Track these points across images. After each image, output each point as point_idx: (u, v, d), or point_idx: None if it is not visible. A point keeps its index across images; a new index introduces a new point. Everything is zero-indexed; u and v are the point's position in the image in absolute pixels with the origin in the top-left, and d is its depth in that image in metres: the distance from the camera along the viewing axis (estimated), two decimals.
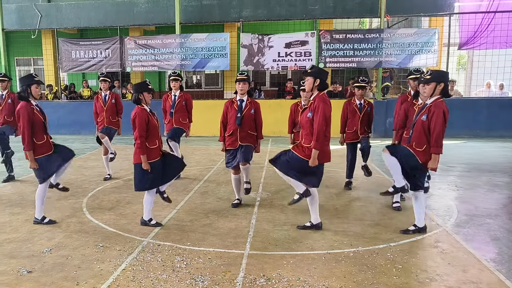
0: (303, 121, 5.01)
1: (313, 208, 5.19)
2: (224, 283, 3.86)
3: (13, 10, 15.99)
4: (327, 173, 8.25)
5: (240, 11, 14.66)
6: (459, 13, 14.21)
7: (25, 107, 5.20)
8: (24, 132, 5.16)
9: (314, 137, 4.78)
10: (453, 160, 9.75)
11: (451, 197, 6.80)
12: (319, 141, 4.76)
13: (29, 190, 7.17)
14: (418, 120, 4.83)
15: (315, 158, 4.81)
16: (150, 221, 5.35)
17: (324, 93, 4.95)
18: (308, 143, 4.90)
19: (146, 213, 5.36)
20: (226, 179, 7.85)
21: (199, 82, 19.52)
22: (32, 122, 5.21)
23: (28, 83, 5.29)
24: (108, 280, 3.92)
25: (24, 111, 5.17)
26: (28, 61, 19.61)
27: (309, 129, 4.90)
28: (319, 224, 5.21)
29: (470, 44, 14.17)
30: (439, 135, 4.65)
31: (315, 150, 4.79)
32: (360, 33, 14.03)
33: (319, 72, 4.96)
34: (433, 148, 4.69)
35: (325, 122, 4.78)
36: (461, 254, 4.51)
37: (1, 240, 4.93)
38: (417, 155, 4.79)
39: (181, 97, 7.64)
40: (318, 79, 4.87)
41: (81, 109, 15.26)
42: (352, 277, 3.98)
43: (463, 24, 14.01)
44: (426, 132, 4.74)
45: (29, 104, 5.26)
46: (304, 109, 5.08)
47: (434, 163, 4.73)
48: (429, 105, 4.78)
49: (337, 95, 14.61)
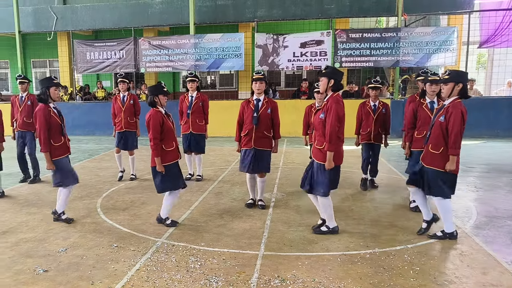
0: (316, 122, 4.95)
1: (328, 213, 5.06)
2: (238, 284, 3.83)
3: (30, 13, 16.23)
4: (342, 173, 8.21)
5: (255, 11, 14.63)
6: (479, 11, 13.97)
7: (42, 110, 5.26)
8: (40, 134, 5.22)
9: (327, 139, 4.70)
10: (472, 160, 9.58)
11: (470, 198, 6.67)
12: (332, 142, 4.69)
13: (45, 190, 7.25)
14: (436, 121, 4.72)
15: (331, 160, 4.73)
16: (167, 220, 5.34)
17: (339, 94, 4.87)
18: (320, 145, 4.83)
19: (164, 211, 5.35)
20: (240, 180, 7.81)
21: (213, 83, 19.55)
22: (49, 124, 5.25)
23: (47, 85, 5.35)
24: (122, 280, 3.92)
25: (41, 114, 5.23)
26: (44, 63, 19.87)
27: (322, 130, 4.83)
28: (335, 228, 5.10)
29: (490, 42, 13.93)
30: (457, 136, 4.55)
31: (329, 152, 4.71)
32: (376, 32, 13.89)
33: (334, 72, 4.88)
34: (450, 149, 4.59)
35: (337, 123, 4.70)
36: (481, 256, 4.41)
37: (18, 239, 4.98)
38: (434, 160, 4.69)
39: (198, 98, 7.61)
40: (332, 79, 4.79)
41: (95, 110, 15.39)
42: (368, 279, 3.92)
43: (484, 22, 13.77)
44: (444, 133, 4.64)
45: (46, 106, 5.31)
46: (317, 111, 5.01)
47: (452, 165, 4.61)
48: (447, 105, 4.68)
49: (353, 95, 14.50)
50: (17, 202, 6.59)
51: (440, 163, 4.67)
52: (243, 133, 6.03)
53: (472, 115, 12.12)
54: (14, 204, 6.48)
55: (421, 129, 5.69)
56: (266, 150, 6.00)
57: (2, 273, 4.10)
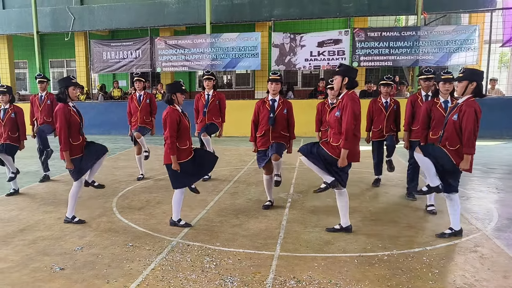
0: (331, 120, 4.89)
1: (343, 211, 5.05)
2: (253, 284, 3.79)
3: (48, 13, 16.44)
4: (360, 173, 8.13)
5: (272, 10, 14.57)
6: (502, 9, 13.69)
7: (62, 109, 5.29)
8: (61, 133, 5.26)
9: (343, 136, 4.65)
10: (493, 161, 9.38)
11: (491, 200, 6.52)
12: (349, 139, 4.64)
13: (62, 189, 7.31)
14: (450, 120, 4.67)
15: (344, 158, 4.69)
16: (179, 222, 5.33)
17: (354, 92, 4.82)
18: (336, 142, 4.78)
19: (175, 214, 5.34)
20: (256, 180, 7.77)
21: (229, 82, 19.56)
22: (69, 124, 5.29)
23: (66, 85, 5.38)
24: (137, 279, 3.91)
25: (61, 113, 5.26)
26: (61, 63, 20.14)
27: (337, 128, 4.78)
28: (349, 227, 5.06)
29: None
30: (470, 134, 4.49)
31: (344, 149, 4.66)
32: (395, 30, 13.72)
33: (347, 70, 4.84)
34: (465, 148, 4.53)
35: (354, 120, 4.65)
36: (502, 259, 4.30)
37: (36, 237, 5.02)
38: (450, 155, 4.64)
39: (215, 96, 7.57)
40: (347, 77, 4.74)
41: (111, 109, 15.50)
42: (386, 281, 3.84)
43: (507, 20, 13.45)
44: (458, 132, 4.60)
45: (66, 105, 5.35)
46: (332, 108, 4.96)
47: (466, 164, 4.57)
48: (460, 104, 4.63)
49: (371, 94, 14.32)
50: (34, 201, 6.66)
51: (456, 158, 4.62)
52: (259, 133, 5.97)
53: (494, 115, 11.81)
54: (31, 203, 6.54)
55: (436, 130, 5.54)
56: (282, 143, 5.95)
57: (19, 270, 4.14)
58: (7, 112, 6.78)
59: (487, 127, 11.45)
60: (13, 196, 6.90)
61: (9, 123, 6.74)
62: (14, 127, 6.80)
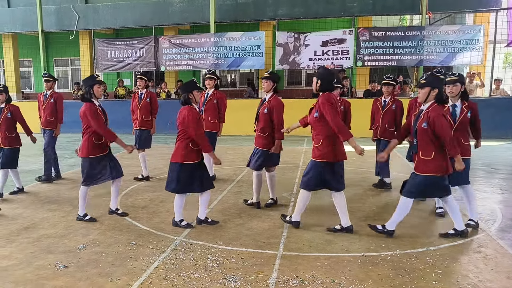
0: (311, 121, 5.00)
1: (342, 210, 5.06)
2: (256, 284, 3.80)
3: (52, 12, 16.49)
4: (362, 173, 8.12)
5: (276, 9, 14.57)
6: (507, 9, 13.63)
7: (89, 107, 5.35)
8: (101, 130, 5.37)
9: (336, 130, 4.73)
10: (498, 161, 9.32)
11: (495, 200, 6.51)
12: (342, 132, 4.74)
13: (65, 188, 7.34)
14: (420, 128, 4.65)
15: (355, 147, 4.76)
16: (181, 222, 5.32)
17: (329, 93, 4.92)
18: (317, 143, 4.89)
19: (177, 214, 5.34)
20: None
21: (233, 81, 19.55)
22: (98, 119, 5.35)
23: (90, 84, 5.43)
24: (140, 277, 3.92)
25: (90, 111, 5.33)
26: (66, 61, 20.18)
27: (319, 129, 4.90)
28: (350, 227, 5.06)
29: None
30: (449, 139, 4.50)
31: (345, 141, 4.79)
32: (400, 30, 13.71)
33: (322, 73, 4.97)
34: (450, 152, 4.56)
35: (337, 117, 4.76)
36: (506, 260, 4.30)
37: (40, 235, 5.04)
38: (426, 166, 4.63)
39: (213, 96, 7.54)
40: (320, 80, 4.89)
41: (115, 108, 15.39)
42: (389, 281, 3.84)
43: None
44: (432, 138, 4.58)
45: (92, 104, 5.41)
46: (310, 109, 5.05)
47: (460, 164, 4.59)
48: (425, 111, 4.65)
49: (375, 94, 14.28)
50: (38, 199, 6.69)
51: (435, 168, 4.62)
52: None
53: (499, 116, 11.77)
54: (35, 201, 6.57)
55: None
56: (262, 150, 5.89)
57: (23, 268, 4.16)
58: (3, 111, 6.65)
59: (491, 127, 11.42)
60: (17, 194, 6.92)
61: (5, 123, 6.64)
62: (11, 127, 6.72)
